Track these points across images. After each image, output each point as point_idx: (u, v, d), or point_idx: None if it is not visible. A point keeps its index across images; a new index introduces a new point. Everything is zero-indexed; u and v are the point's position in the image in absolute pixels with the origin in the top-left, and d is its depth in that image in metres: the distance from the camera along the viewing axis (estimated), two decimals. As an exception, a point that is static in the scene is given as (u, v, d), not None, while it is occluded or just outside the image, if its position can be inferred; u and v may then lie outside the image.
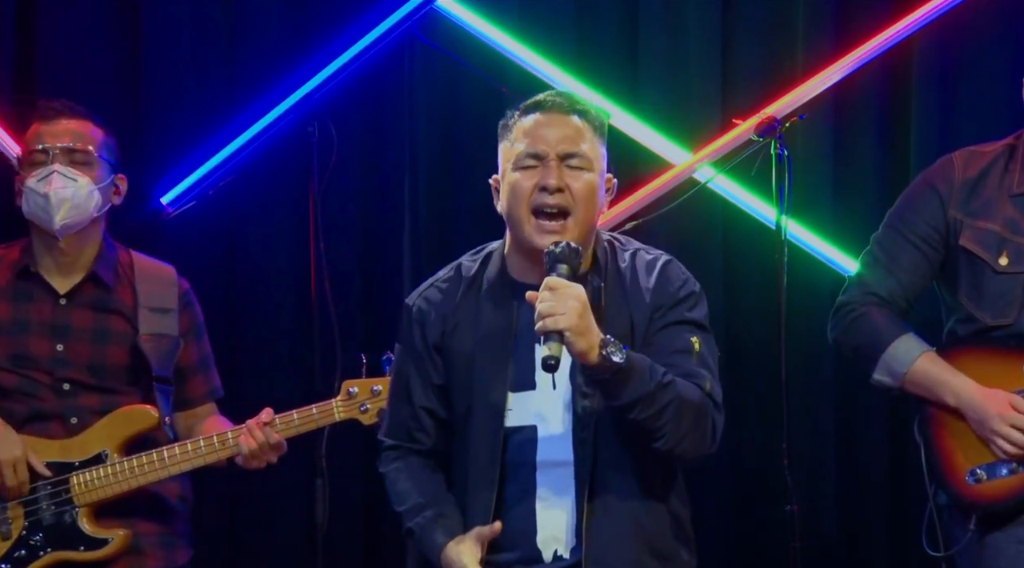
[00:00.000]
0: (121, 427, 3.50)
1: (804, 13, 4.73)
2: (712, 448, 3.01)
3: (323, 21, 4.72)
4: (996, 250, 3.36)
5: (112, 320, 3.58)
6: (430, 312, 3.09)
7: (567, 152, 2.99)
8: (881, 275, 3.45)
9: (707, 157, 4.64)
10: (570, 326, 2.81)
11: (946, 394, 3.33)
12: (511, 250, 3.08)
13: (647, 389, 2.88)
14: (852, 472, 4.74)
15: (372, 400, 3.42)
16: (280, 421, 3.50)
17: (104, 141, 3.64)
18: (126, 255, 3.70)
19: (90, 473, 3.46)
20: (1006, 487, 3.26)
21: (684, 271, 3.11)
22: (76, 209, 3.53)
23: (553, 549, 2.98)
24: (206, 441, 3.50)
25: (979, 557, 3.29)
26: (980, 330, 3.37)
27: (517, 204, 2.99)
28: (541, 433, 2.99)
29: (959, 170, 3.43)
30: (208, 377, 3.76)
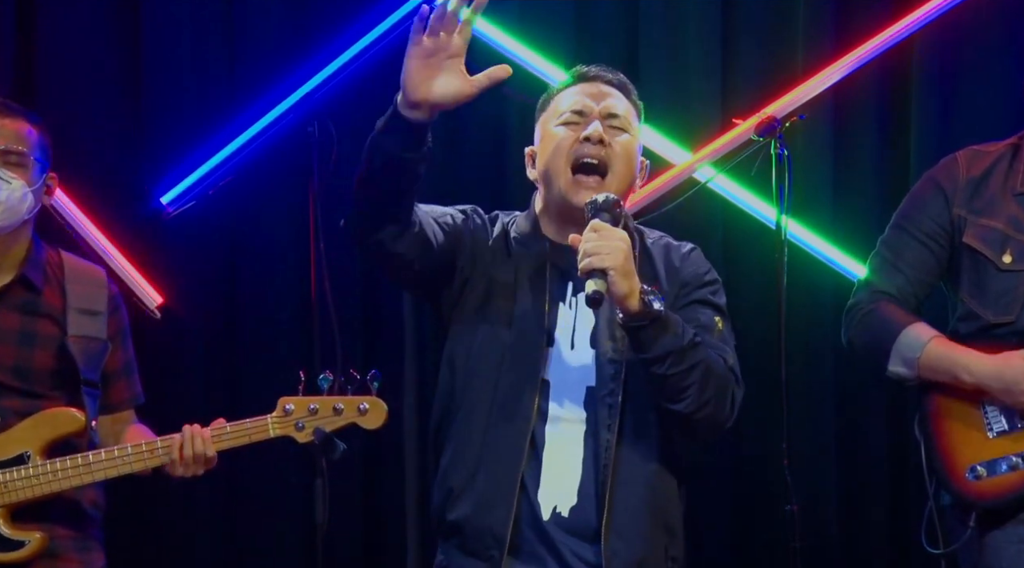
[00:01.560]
0: (46, 429, 3.41)
1: (804, 13, 4.73)
2: (729, 422, 3.03)
3: (323, 21, 4.72)
4: (1000, 248, 3.36)
5: (40, 323, 3.50)
6: (486, 226, 3.10)
7: (610, 112, 3.06)
8: (889, 274, 3.45)
9: (707, 157, 4.64)
10: (615, 265, 2.82)
11: (961, 372, 3.31)
12: (543, 211, 3.10)
13: (679, 343, 2.89)
14: (852, 472, 4.73)
15: (308, 418, 3.34)
16: (212, 432, 3.40)
17: (39, 141, 3.52)
18: (55, 255, 3.60)
19: (10, 473, 3.37)
20: (1006, 484, 3.26)
21: (707, 261, 3.17)
22: (9, 212, 3.44)
23: (553, 505, 2.96)
24: (134, 448, 3.40)
25: (979, 556, 3.29)
26: (982, 327, 3.37)
27: (557, 156, 3.02)
28: (554, 388, 2.98)
29: (963, 169, 3.44)
30: (131, 383, 3.66)
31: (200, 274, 4.67)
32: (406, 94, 2.78)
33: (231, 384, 4.67)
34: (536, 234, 3.09)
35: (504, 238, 3.10)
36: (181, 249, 4.64)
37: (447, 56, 2.77)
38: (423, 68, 2.76)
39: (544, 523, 2.95)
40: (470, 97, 2.80)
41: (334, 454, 3.30)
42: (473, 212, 3.14)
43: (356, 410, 3.31)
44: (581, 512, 2.95)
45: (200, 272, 4.67)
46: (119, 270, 4.50)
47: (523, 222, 3.13)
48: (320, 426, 3.31)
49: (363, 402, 3.30)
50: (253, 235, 4.72)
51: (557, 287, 3.03)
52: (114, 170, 4.68)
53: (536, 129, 3.15)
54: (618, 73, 3.17)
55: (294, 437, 3.37)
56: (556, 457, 2.97)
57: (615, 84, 3.12)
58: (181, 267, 4.64)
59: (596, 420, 2.97)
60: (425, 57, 2.76)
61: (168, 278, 4.65)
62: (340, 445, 3.31)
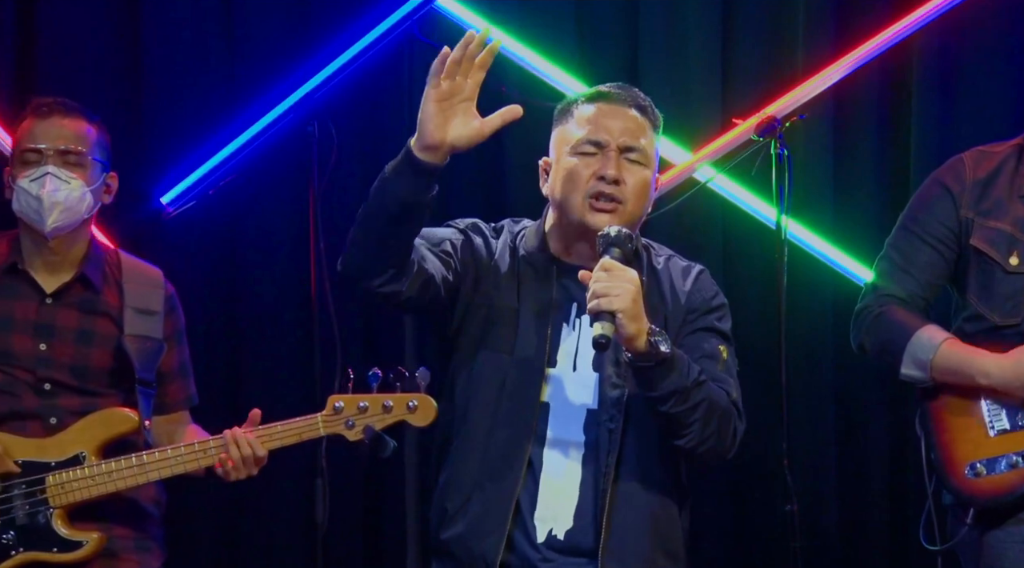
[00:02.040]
0: (100, 429, 3.44)
1: (804, 13, 4.73)
2: (730, 453, 3.05)
3: (323, 21, 4.72)
4: (1007, 250, 3.36)
5: (98, 322, 3.54)
6: (488, 242, 3.10)
7: (628, 145, 3.03)
8: (898, 277, 3.44)
9: (707, 157, 4.64)
10: (624, 308, 2.82)
11: (976, 375, 3.30)
12: (552, 229, 3.09)
13: (684, 383, 2.90)
14: (852, 472, 4.73)
15: (358, 416, 3.32)
16: (264, 432, 3.43)
17: (97, 140, 3.59)
18: (114, 254, 3.65)
19: (66, 474, 3.40)
20: (1005, 481, 3.26)
21: (715, 283, 3.16)
22: (68, 212, 3.49)
23: (549, 528, 2.96)
24: (187, 448, 3.42)
25: (980, 555, 3.29)
26: (988, 329, 3.37)
27: (573, 189, 3.01)
28: (554, 410, 2.99)
29: (969, 170, 3.43)
30: (186, 384, 3.69)
31: (200, 274, 4.67)
32: (423, 137, 2.80)
33: (231, 384, 4.66)
34: (544, 252, 3.08)
35: (510, 254, 3.09)
36: (181, 249, 4.63)
37: (461, 99, 2.79)
38: (440, 112, 2.79)
39: (539, 545, 2.96)
40: (484, 138, 2.82)
41: (385, 452, 3.28)
42: (473, 230, 3.12)
43: (405, 407, 3.29)
44: (577, 535, 2.96)
45: (200, 272, 4.67)
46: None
47: (532, 237, 3.11)
48: (370, 424, 3.31)
49: (412, 399, 3.27)
50: (253, 235, 4.72)
51: (562, 308, 3.03)
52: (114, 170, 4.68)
53: (552, 140, 3.12)
54: (637, 93, 3.13)
55: (344, 435, 3.36)
56: (554, 479, 2.98)
57: (635, 106, 3.08)
58: (181, 267, 4.62)
59: (597, 444, 2.98)
60: (441, 100, 2.78)
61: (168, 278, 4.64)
62: (391, 443, 3.28)
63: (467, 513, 2.99)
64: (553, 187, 3.06)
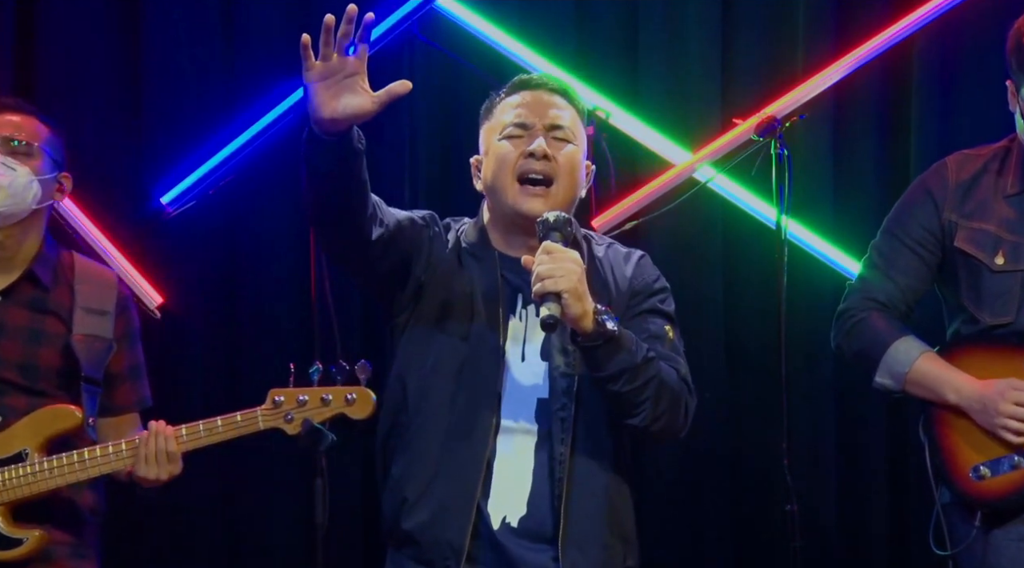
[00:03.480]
0: (44, 426, 3.41)
1: (804, 13, 4.73)
2: (683, 431, 3.07)
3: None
4: (992, 250, 3.38)
5: (47, 321, 3.51)
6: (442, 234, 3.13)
7: (553, 124, 3.08)
8: (880, 280, 3.47)
9: (707, 157, 4.64)
10: (569, 288, 2.85)
11: (947, 391, 3.34)
12: (490, 223, 3.13)
13: (633, 361, 2.93)
14: (852, 472, 4.73)
15: (297, 410, 3.31)
16: (204, 427, 3.39)
17: (49, 138, 3.56)
18: (68, 256, 3.62)
19: (9, 471, 3.37)
20: (1010, 483, 3.27)
21: (656, 268, 3.19)
22: (14, 197, 3.46)
23: (503, 516, 2.97)
24: (127, 443, 3.39)
25: (981, 555, 3.30)
26: (983, 330, 3.38)
27: (502, 171, 3.05)
28: (505, 400, 3.00)
29: (952, 173, 3.46)
30: (137, 386, 3.65)
31: (200, 274, 4.67)
32: (312, 115, 2.84)
33: (231, 384, 4.66)
34: (485, 246, 3.11)
35: (457, 248, 3.12)
36: (181, 249, 4.64)
37: (345, 75, 2.82)
38: (323, 89, 2.82)
39: (495, 532, 2.97)
40: (372, 113, 2.84)
41: (322, 445, 3.27)
42: (431, 219, 3.16)
43: (344, 400, 3.29)
44: (531, 522, 2.97)
45: (200, 272, 4.67)
46: (119, 270, 4.49)
47: (472, 232, 3.14)
48: (308, 417, 3.31)
49: (351, 392, 3.28)
50: (253, 235, 4.72)
51: (507, 299, 3.05)
52: (114, 170, 4.68)
53: (480, 137, 3.17)
54: (560, 79, 3.20)
55: (283, 429, 3.34)
56: (507, 468, 2.99)
57: (557, 91, 3.13)
58: (181, 267, 4.63)
59: (550, 433, 2.99)
60: (321, 79, 2.81)
61: (168, 278, 4.65)
62: (329, 436, 3.28)
63: (430, 501, 2.99)
64: (485, 177, 3.11)
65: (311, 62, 2.82)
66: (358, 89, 2.83)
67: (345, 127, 2.84)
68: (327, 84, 2.81)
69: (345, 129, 2.84)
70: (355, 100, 2.82)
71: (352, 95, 2.82)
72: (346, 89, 2.82)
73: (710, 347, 4.64)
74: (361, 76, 2.83)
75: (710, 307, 4.66)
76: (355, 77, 2.83)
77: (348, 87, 2.82)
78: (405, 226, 3.07)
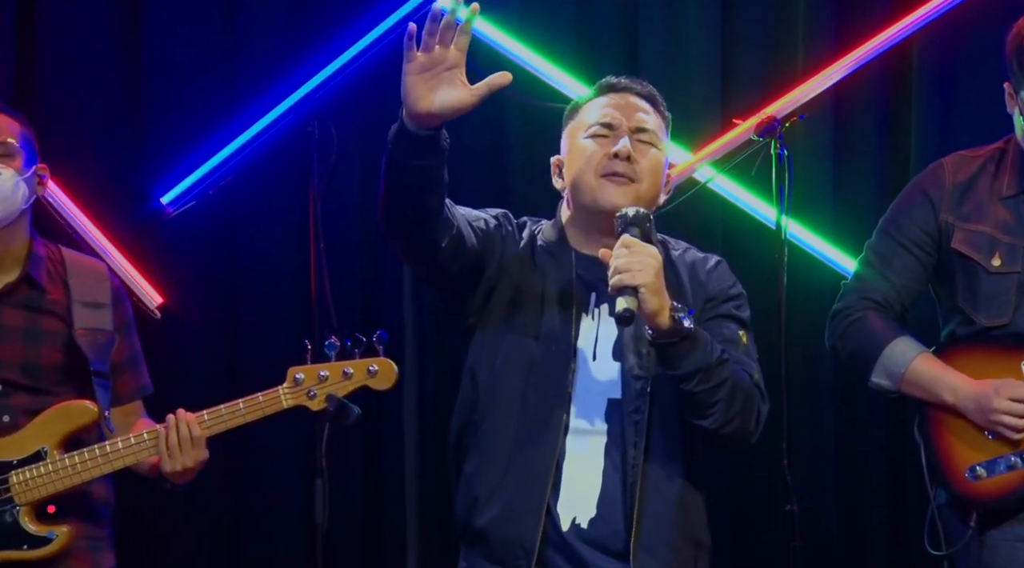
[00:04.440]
0: (60, 423, 3.42)
1: (804, 13, 4.72)
2: (754, 437, 3.06)
3: (323, 21, 4.72)
4: (988, 251, 3.38)
5: (44, 320, 3.51)
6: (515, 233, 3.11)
7: (639, 126, 3.08)
8: (876, 280, 3.48)
9: (707, 157, 4.64)
10: (647, 283, 2.83)
11: (943, 391, 3.34)
12: (569, 221, 3.11)
13: (708, 361, 2.91)
14: (852, 472, 4.73)
15: (319, 386, 3.33)
16: (226, 410, 3.40)
17: (23, 132, 3.54)
18: (56, 251, 3.62)
19: (30, 471, 3.38)
20: (1006, 483, 3.27)
21: (732, 274, 3.19)
22: (4, 202, 3.45)
23: (572, 517, 2.96)
24: (149, 433, 3.41)
25: (978, 555, 3.30)
26: (979, 331, 3.38)
27: (587, 169, 3.04)
28: (575, 401, 2.98)
29: (949, 174, 3.47)
30: (137, 374, 3.68)
31: (200, 274, 4.67)
32: (408, 109, 2.78)
33: (231, 384, 4.65)
34: (563, 244, 3.09)
35: (531, 247, 3.10)
36: (181, 249, 4.64)
37: (445, 68, 2.77)
38: (421, 82, 2.76)
39: (564, 534, 2.95)
40: (471, 106, 2.79)
41: (349, 419, 3.28)
42: (504, 218, 3.14)
43: (366, 372, 3.29)
44: (602, 525, 2.96)
45: (200, 272, 4.67)
46: (119, 270, 4.49)
47: (549, 231, 3.13)
48: (332, 392, 3.30)
49: (372, 364, 3.28)
50: (253, 235, 4.72)
51: (581, 298, 3.03)
52: (114, 170, 4.68)
53: (563, 138, 3.16)
54: (647, 85, 3.18)
55: (307, 406, 3.36)
56: (576, 469, 2.97)
57: (644, 96, 3.14)
58: (181, 267, 4.63)
59: (622, 434, 2.97)
60: (421, 71, 2.76)
61: (168, 278, 4.65)
62: (354, 409, 3.28)
63: (501, 499, 2.97)
64: (567, 174, 3.10)
65: (414, 52, 2.75)
66: (456, 82, 2.77)
67: (438, 123, 2.79)
68: (426, 77, 2.76)
69: (437, 125, 2.80)
70: (454, 93, 2.77)
71: (451, 88, 2.77)
72: (444, 82, 2.76)
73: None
74: (460, 69, 2.78)
75: (710, 307, 4.66)
76: (454, 70, 2.77)
77: (447, 80, 2.77)
78: (477, 228, 3.05)
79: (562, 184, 3.13)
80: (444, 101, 2.77)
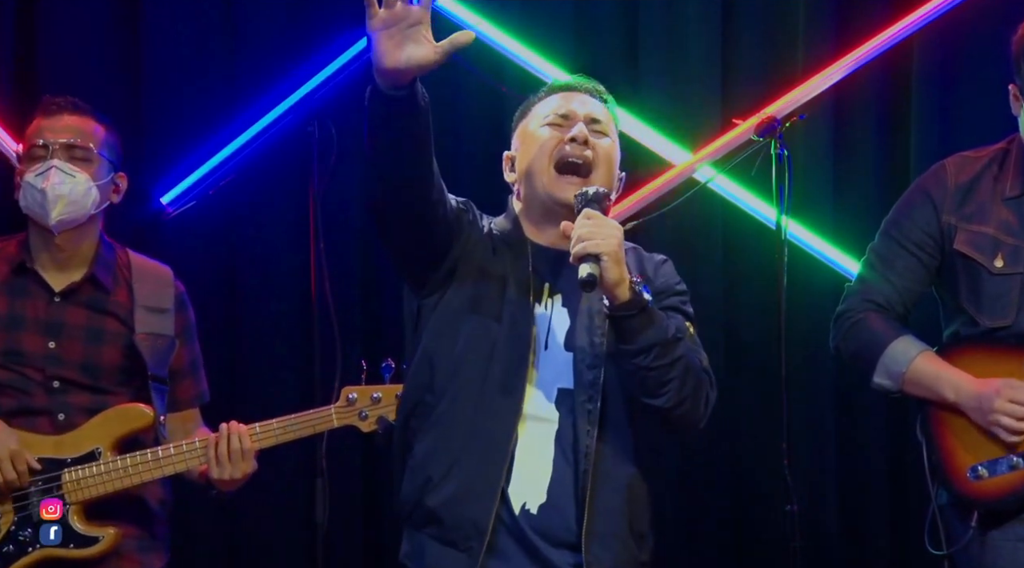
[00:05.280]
0: (116, 425, 3.47)
1: (804, 13, 4.73)
2: (702, 422, 3.05)
3: (323, 21, 4.72)
4: (991, 252, 3.38)
5: (107, 321, 3.55)
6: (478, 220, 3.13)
7: (593, 117, 3.10)
8: (878, 282, 3.48)
9: (707, 157, 4.65)
10: (609, 251, 2.86)
11: (945, 389, 3.34)
12: (523, 212, 3.13)
13: (664, 336, 2.93)
14: (852, 472, 4.74)
15: (372, 407, 3.39)
16: (277, 425, 3.46)
17: (106, 139, 3.62)
18: (123, 255, 3.68)
19: (82, 470, 3.43)
20: (1007, 483, 3.27)
21: (677, 273, 3.20)
22: (73, 205, 3.52)
23: (522, 502, 2.96)
24: (200, 441, 3.47)
25: (978, 555, 3.30)
26: (982, 332, 3.38)
27: (541, 155, 3.06)
28: (529, 388, 2.99)
29: (951, 176, 3.46)
30: (197, 380, 3.72)
31: (200, 274, 4.66)
32: (376, 66, 2.81)
33: (231, 384, 4.66)
34: (518, 234, 3.11)
35: (490, 235, 3.12)
36: (181, 249, 4.63)
37: (408, 24, 2.78)
38: (387, 38, 2.78)
39: (516, 518, 2.95)
40: (436, 63, 2.80)
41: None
42: (468, 205, 3.16)
43: None
44: (551, 512, 2.96)
45: (200, 272, 4.66)
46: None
47: (503, 223, 3.15)
48: (383, 415, 3.33)
49: None
50: (253, 235, 4.72)
51: (536, 287, 3.05)
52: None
53: (514, 135, 3.18)
54: (597, 83, 3.21)
55: (358, 426, 3.44)
56: (528, 455, 2.97)
57: (594, 94, 3.18)
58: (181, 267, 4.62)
59: (573, 424, 2.98)
60: (385, 28, 2.77)
61: (168, 278, 4.64)
62: None
63: (455, 479, 2.97)
64: (520, 165, 3.12)
65: (375, 9, 2.77)
66: (422, 39, 2.78)
67: (408, 80, 2.81)
68: (390, 33, 2.77)
69: (408, 82, 2.81)
70: (419, 50, 2.77)
71: (416, 45, 2.77)
72: (409, 39, 2.77)
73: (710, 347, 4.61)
74: (425, 26, 2.78)
75: (710, 307, 4.65)
76: (418, 27, 2.78)
77: (411, 37, 2.77)
78: (454, 207, 3.07)
79: (514, 177, 3.15)
80: (410, 58, 2.78)
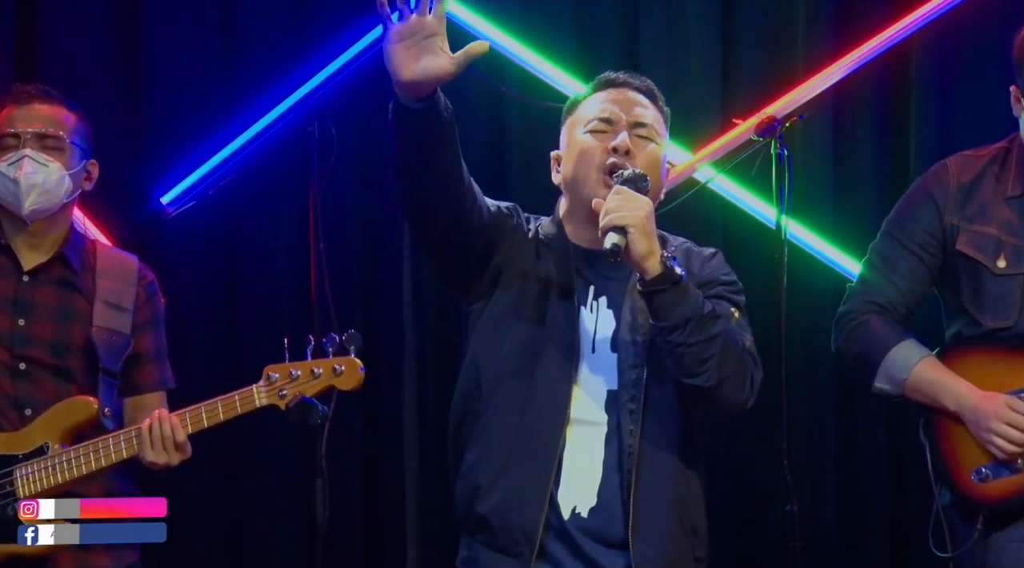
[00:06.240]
0: (61, 418, 3.46)
1: (804, 13, 4.73)
2: (749, 402, 3.05)
3: (323, 21, 4.72)
4: (994, 253, 3.37)
5: (75, 299, 3.57)
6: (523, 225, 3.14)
7: (637, 121, 3.09)
8: (880, 283, 3.47)
9: (707, 157, 4.64)
10: (636, 224, 2.86)
11: (945, 398, 3.33)
12: (567, 216, 3.13)
13: (699, 311, 2.91)
14: (852, 472, 4.73)
15: (290, 384, 3.35)
16: (205, 408, 3.43)
17: (77, 127, 3.61)
18: (91, 244, 3.69)
19: (32, 465, 3.43)
20: (1011, 485, 3.27)
21: (728, 266, 3.20)
22: (46, 194, 3.53)
23: (572, 506, 2.97)
24: (136, 430, 3.45)
25: (982, 556, 3.30)
26: (985, 333, 3.38)
27: (586, 165, 3.05)
28: (576, 391, 2.99)
29: (953, 176, 3.45)
30: (161, 367, 3.73)
31: (200, 274, 4.67)
32: (394, 80, 2.82)
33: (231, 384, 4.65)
34: (562, 238, 3.11)
35: (536, 239, 3.12)
36: (181, 249, 4.63)
37: (424, 36, 2.79)
38: (402, 51, 2.79)
39: (566, 523, 2.96)
40: (453, 74, 2.81)
41: (311, 419, 3.29)
42: (515, 210, 3.17)
43: (332, 372, 3.31)
44: (602, 514, 2.97)
45: (200, 272, 4.67)
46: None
47: (548, 226, 3.15)
48: (301, 391, 3.32)
49: (339, 363, 3.30)
50: (253, 235, 4.72)
51: (580, 291, 3.05)
52: (114, 170, 4.67)
53: (562, 133, 3.17)
54: (646, 79, 3.20)
55: (277, 404, 3.39)
56: (577, 459, 2.98)
57: (643, 91, 3.16)
58: (181, 267, 4.63)
59: (619, 424, 2.98)
60: (400, 40, 2.79)
61: (168, 278, 4.63)
62: (319, 408, 3.29)
63: (503, 487, 2.98)
64: (565, 170, 3.11)
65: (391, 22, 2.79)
66: (437, 50, 2.79)
67: (428, 91, 2.82)
68: (406, 45, 2.78)
69: (428, 94, 2.82)
70: (435, 62, 2.78)
71: (432, 57, 2.78)
72: (425, 51, 2.78)
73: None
74: (440, 37, 2.79)
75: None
76: (434, 38, 2.79)
77: (427, 48, 2.78)
78: (491, 208, 3.08)
79: (559, 179, 3.15)
80: (426, 69, 2.79)
